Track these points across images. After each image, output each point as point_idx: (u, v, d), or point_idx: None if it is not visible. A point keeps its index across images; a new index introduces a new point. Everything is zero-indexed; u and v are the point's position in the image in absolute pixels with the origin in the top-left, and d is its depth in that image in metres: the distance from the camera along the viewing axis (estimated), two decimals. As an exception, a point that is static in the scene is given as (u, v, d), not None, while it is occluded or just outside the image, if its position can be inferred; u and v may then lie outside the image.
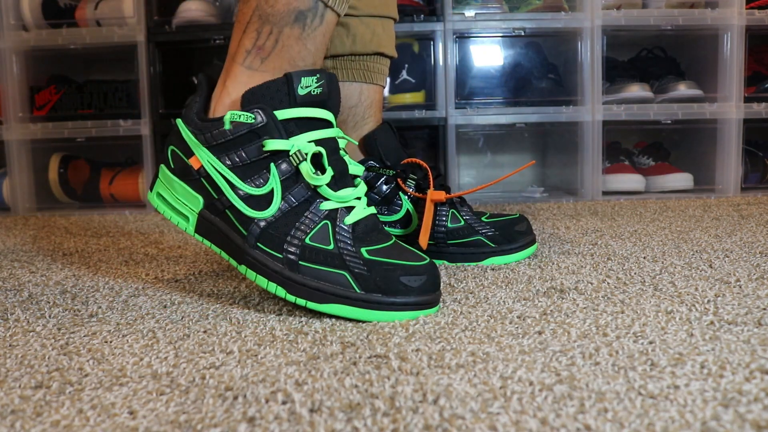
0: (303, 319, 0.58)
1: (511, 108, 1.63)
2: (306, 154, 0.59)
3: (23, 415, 0.40)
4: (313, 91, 0.60)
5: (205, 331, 0.55)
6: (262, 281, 0.58)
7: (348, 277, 0.56)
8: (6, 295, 0.71)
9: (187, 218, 0.62)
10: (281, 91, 0.59)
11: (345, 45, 0.86)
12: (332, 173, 0.60)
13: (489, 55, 1.80)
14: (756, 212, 1.22)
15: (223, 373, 0.45)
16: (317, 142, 0.60)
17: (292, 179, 0.59)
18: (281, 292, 0.57)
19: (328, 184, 0.59)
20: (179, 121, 0.63)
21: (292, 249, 0.57)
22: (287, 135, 0.59)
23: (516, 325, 0.55)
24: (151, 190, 0.66)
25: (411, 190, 0.83)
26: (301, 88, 0.59)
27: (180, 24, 1.59)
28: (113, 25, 1.61)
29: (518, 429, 0.35)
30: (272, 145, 0.58)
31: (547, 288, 0.67)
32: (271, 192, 0.58)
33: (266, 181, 0.58)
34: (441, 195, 0.80)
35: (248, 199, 0.59)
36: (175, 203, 0.63)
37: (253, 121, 0.58)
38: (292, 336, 0.53)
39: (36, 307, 0.66)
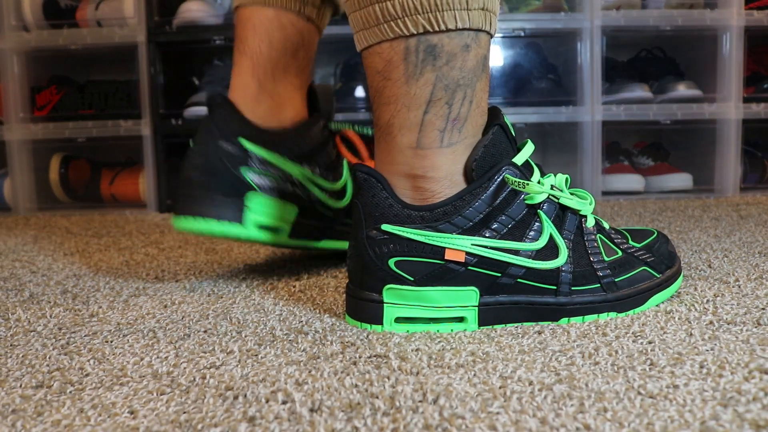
0: (303, 319, 0.58)
1: (511, 108, 1.64)
2: (557, 186, 0.56)
3: (24, 415, 0.40)
4: (513, 130, 0.57)
5: (205, 331, 0.55)
6: (591, 318, 0.56)
7: (647, 270, 0.58)
8: (7, 294, 0.72)
9: (461, 318, 0.54)
10: (504, 142, 0.55)
11: None
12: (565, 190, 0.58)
13: (489, 55, 1.80)
14: (755, 212, 1.23)
15: (223, 372, 0.45)
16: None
17: (558, 216, 0.56)
18: (612, 315, 0.56)
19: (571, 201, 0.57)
20: (394, 228, 0.53)
21: (602, 273, 0.56)
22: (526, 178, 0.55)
23: (515, 325, 0.55)
24: (381, 324, 0.55)
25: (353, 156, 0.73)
26: (512, 131, 0.56)
27: (180, 24, 1.60)
28: (114, 26, 1.61)
29: (518, 428, 0.36)
30: (535, 195, 0.54)
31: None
32: (551, 238, 0.55)
33: (540, 231, 0.54)
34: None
35: (537, 255, 0.54)
36: (436, 313, 0.54)
37: (524, 185, 0.54)
38: (293, 336, 0.53)
39: (37, 306, 0.66)
